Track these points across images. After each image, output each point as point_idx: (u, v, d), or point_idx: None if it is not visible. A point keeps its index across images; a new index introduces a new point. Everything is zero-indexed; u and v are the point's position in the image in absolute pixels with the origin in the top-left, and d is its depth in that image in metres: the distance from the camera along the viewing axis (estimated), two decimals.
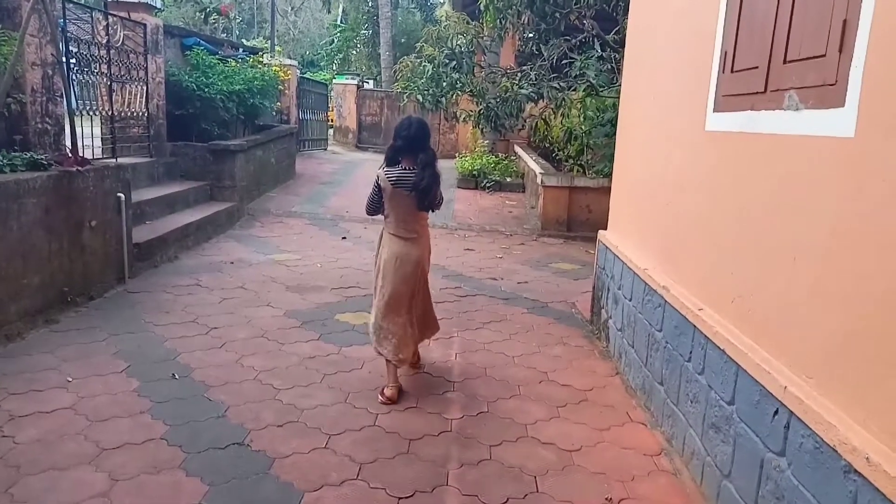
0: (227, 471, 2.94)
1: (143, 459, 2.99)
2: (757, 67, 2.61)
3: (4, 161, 4.56)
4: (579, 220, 9.31)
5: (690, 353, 3.14)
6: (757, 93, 2.61)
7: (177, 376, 3.91)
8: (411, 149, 3.77)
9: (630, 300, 4.26)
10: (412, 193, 3.73)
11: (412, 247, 3.84)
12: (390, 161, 3.83)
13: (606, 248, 5.01)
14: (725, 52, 2.96)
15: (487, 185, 12.28)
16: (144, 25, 7.74)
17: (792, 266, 2.29)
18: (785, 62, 2.39)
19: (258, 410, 3.54)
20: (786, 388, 2.18)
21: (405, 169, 3.77)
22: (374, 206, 3.88)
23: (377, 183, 3.81)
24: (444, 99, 9.30)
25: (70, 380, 3.77)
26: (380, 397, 3.77)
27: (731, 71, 2.90)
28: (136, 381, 3.81)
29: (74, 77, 6.30)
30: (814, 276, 2.16)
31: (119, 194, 5.59)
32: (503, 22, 9.61)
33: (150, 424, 3.31)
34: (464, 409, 3.71)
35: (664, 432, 3.47)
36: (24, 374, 3.81)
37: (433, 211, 3.91)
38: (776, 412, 2.25)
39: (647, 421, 3.69)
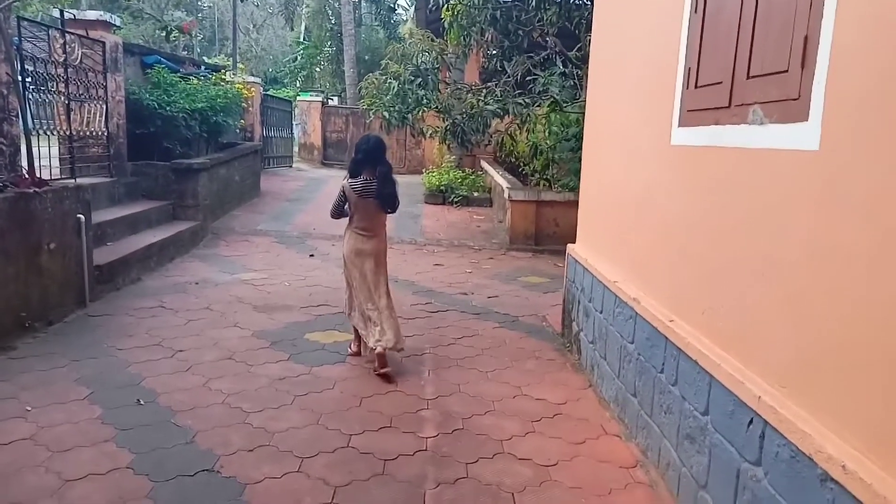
0: (196, 499, 2.85)
1: (108, 490, 2.88)
2: (721, 83, 2.66)
3: None
4: (547, 233, 9.39)
5: (663, 364, 3.16)
6: (721, 108, 2.66)
7: (142, 402, 3.79)
8: (370, 161, 4.44)
9: (601, 312, 4.29)
10: (376, 200, 4.45)
11: (368, 242, 4.56)
12: (352, 173, 4.51)
13: (576, 261, 5.05)
14: (689, 69, 3.02)
15: (455, 200, 12.30)
16: (103, 43, 7.59)
17: (761, 277, 2.33)
18: (748, 77, 2.44)
19: (227, 435, 3.44)
20: (760, 397, 2.20)
21: (367, 180, 4.44)
22: (339, 212, 4.58)
23: (342, 192, 4.50)
24: (410, 115, 9.32)
25: (29, 409, 3.62)
26: (349, 349, 4.76)
27: (695, 86, 2.96)
28: (99, 408, 3.68)
29: (31, 96, 6.14)
30: (783, 287, 2.19)
31: (79, 215, 5.43)
32: (467, 39, 9.70)
33: (114, 453, 3.19)
34: (438, 427, 3.68)
35: (639, 444, 3.49)
36: None
37: (392, 212, 4.64)
38: (751, 422, 2.27)
39: (621, 433, 3.70)
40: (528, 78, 9.44)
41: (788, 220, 2.18)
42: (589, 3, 8.76)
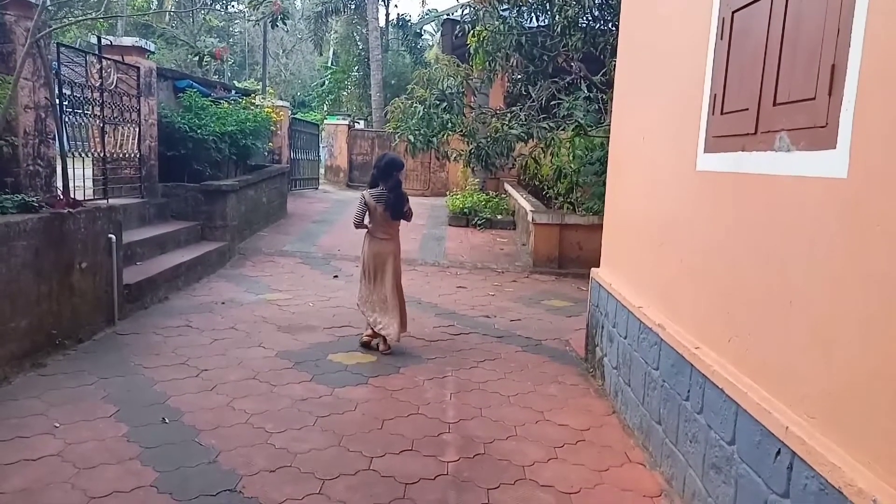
0: None
1: None
2: (747, 109, 2.66)
3: None
4: (570, 256, 9.35)
5: (688, 391, 3.12)
6: (747, 134, 2.65)
7: (167, 420, 3.83)
8: (383, 176, 5.28)
9: (625, 338, 4.25)
10: (385, 207, 5.21)
11: (386, 245, 5.35)
12: (371, 185, 5.38)
13: (600, 285, 5.02)
14: (715, 95, 3.02)
15: (478, 222, 12.34)
16: (138, 68, 7.81)
17: (788, 305, 2.29)
18: (775, 104, 2.44)
19: (250, 455, 3.47)
20: (787, 428, 2.16)
21: (381, 190, 5.26)
22: (360, 219, 5.28)
23: (363, 201, 5.25)
24: (435, 139, 9.40)
25: (57, 425, 3.68)
26: (362, 338, 5.44)
27: (721, 113, 2.95)
28: (125, 425, 3.73)
29: (67, 119, 6.32)
30: (811, 315, 2.16)
31: (110, 235, 5.56)
32: (492, 64, 9.80)
33: (139, 471, 3.23)
34: (460, 452, 3.66)
35: (664, 473, 3.43)
36: (9, 419, 3.73)
37: (407, 221, 5.44)
38: (778, 453, 2.23)
39: (645, 461, 3.64)
40: (552, 102, 9.48)
41: (816, 248, 2.15)
42: (614, 28, 8.81)
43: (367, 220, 5.31)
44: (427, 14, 31.51)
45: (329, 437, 3.74)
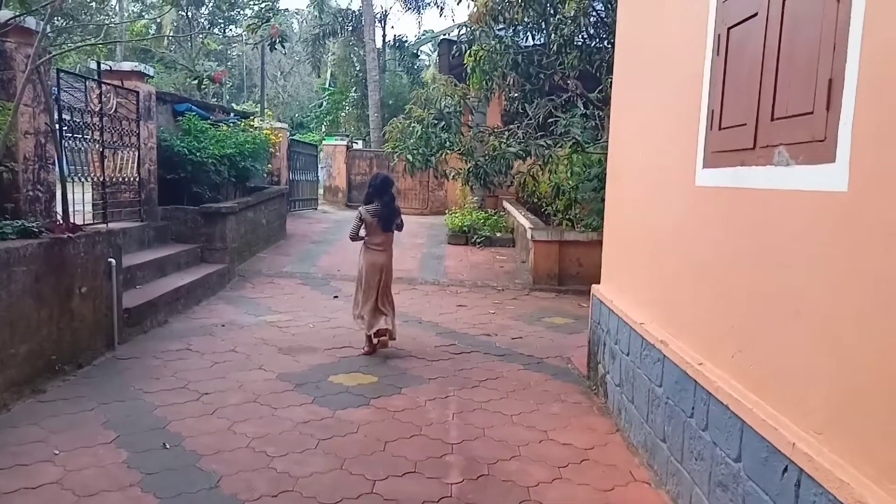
0: None
1: None
2: (745, 124, 2.67)
3: None
4: (570, 273, 9.34)
5: (693, 408, 3.10)
6: (746, 149, 2.66)
7: (167, 446, 3.80)
8: (377, 193, 5.82)
9: (627, 355, 4.23)
10: (380, 221, 5.76)
11: (379, 255, 5.86)
12: (367, 201, 5.87)
13: (601, 302, 5.00)
14: (712, 110, 3.03)
15: (478, 240, 12.33)
16: (137, 93, 7.86)
17: (792, 321, 2.28)
18: (773, 119, 2.45)
19: (252, 480, 3.43)
20: (794, 444, 2.14)
21: (376, 206, 5.77)
22: (356, 233, 5.86)
23: (360, 216, 5.80)
24: (433, 158, 9.43)
25: (57, 452, 3.65)
26: (363, 350, 5.84)
27: (719, 128, 2.96)
28: (125, 451, 3.70)
29: (67, 144, 6.34)
30: (815, 330, 2.15)
31: (110, 259, 5.55)
32: (489, 83, 9.86)
33: (140, 498, 3.19)
34: (463, 473, 3.62)
35: (669, 491, 3.39)
36: (8, 447, 3.69)
37: (398, 231, 5.98)
38: (785, 469, 2.20)
39: (650, 480, 3.61)
40: (549, 120, 9.52)
41: (818, 262, 2.15)
42: (609, 46, 8.87)
43: (362, 233, 5.84)
44: (424, 35, 31.77)
45: (331, 460, 3.70)
